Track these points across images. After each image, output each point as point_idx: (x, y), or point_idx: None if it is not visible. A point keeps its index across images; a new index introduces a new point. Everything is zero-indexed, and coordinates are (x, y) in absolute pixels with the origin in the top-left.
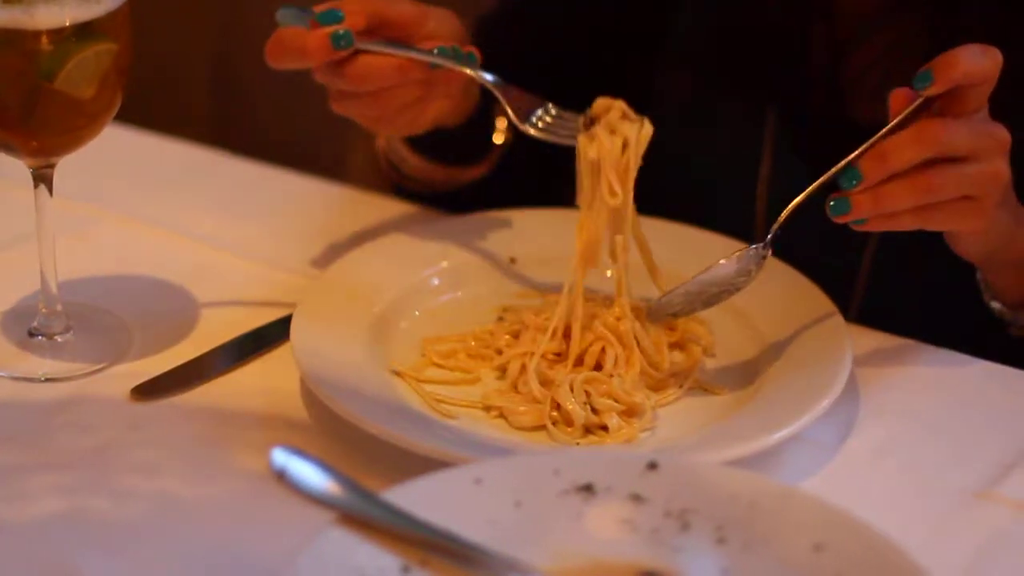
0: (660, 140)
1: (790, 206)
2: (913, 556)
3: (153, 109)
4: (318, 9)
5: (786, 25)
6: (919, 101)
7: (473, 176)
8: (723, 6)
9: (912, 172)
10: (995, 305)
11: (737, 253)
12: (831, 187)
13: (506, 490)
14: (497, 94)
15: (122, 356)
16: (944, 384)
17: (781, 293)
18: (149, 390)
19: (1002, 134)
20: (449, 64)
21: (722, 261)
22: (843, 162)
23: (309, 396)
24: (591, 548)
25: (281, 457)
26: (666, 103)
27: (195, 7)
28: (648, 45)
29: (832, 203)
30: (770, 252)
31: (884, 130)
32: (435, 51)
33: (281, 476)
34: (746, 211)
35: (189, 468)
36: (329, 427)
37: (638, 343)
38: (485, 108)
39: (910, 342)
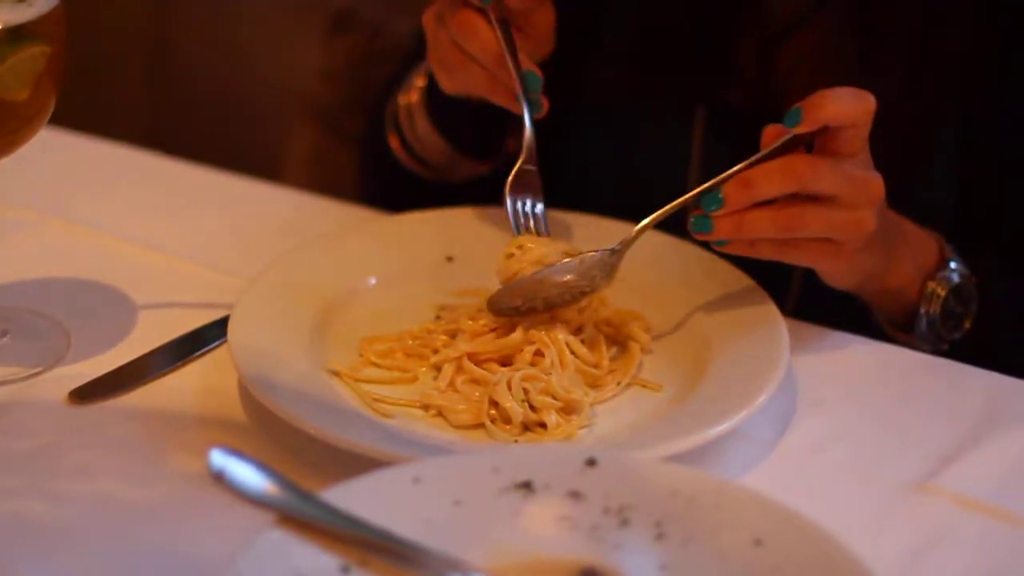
0: (591, 136)
1: (645, 222)
2: (852, 549)
3: (88, 112)
4: None
5: (714, 21)
6: (787, 137)
7: (472, 171)
8: (651, 3)
9: (776, 205)
10: (879, 322)
11: (581, 256)
12: None
13: (445, 489)
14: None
15: (59, 360)
16: (882, 377)
17: (718, 289)
18: (87, 393)
19: (875, 184)
20: (516, 90)
21: (565, 261)
22: (707, 184)
23: (247, 397)
24: (531, 546)
25: (219, 458)
26: (597, 99)
27: (131, 7)
28: (578, 40)
29: (693, 220)
30: (619, 261)
31: (750, 160)
32: (525, 73)
33: (219, 477)
34: (681, 210)
35: (127, 470)
36: (267, 428)
37: (571, 349)
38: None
39: (847, 335)
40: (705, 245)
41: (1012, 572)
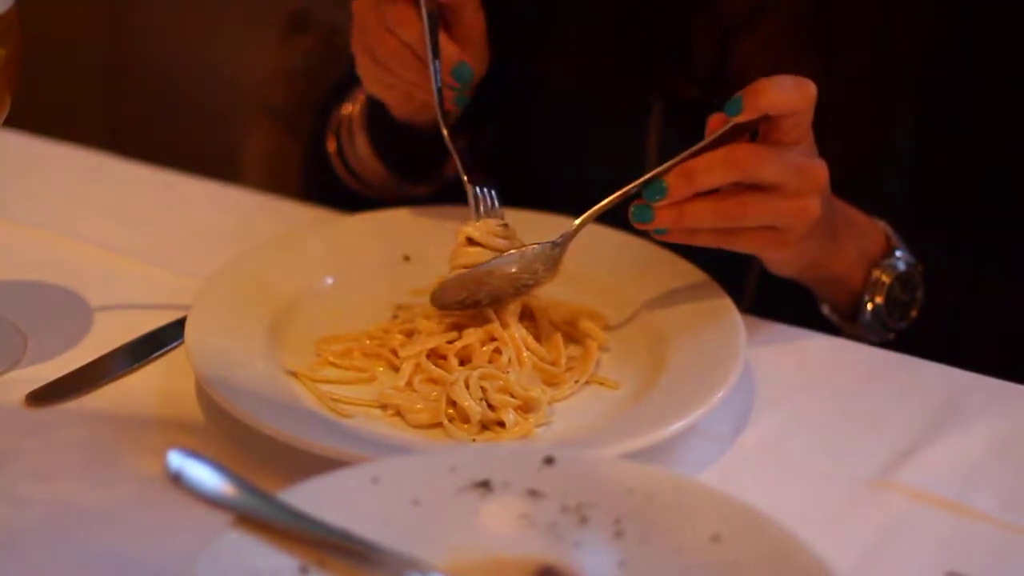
0: (546, 133)
1: (585, 215)
2: (810, 545)
3: (44, 113)
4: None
5: (671, 14)
6: (729, 126)
7: (415, 192)
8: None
9: (718, 195)
10: (825, 311)
11: (523, 249)
12: None
13: (403, 488)
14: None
15: (16, 362)
16: (839, 372)
17: (675, 285)
18: (44, 396)
19: (819, 171)
20: (437, 78)
21: (508, 253)
22: (649, 174)
23: (205, 398)
24: (489, 544)
25: (177, 460)
26: (551, 95)
27: (87, 9)
28: (532, 35)
29: (634, 209)
30: (562, 253)
31: (692, 149)
32: (454, 67)
33: (177, 479)
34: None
35: (85, 473)
36: (225, 429)
37: (528, 347)
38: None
39: (804, 331)
40: (645, 235)
41: (971, 566)
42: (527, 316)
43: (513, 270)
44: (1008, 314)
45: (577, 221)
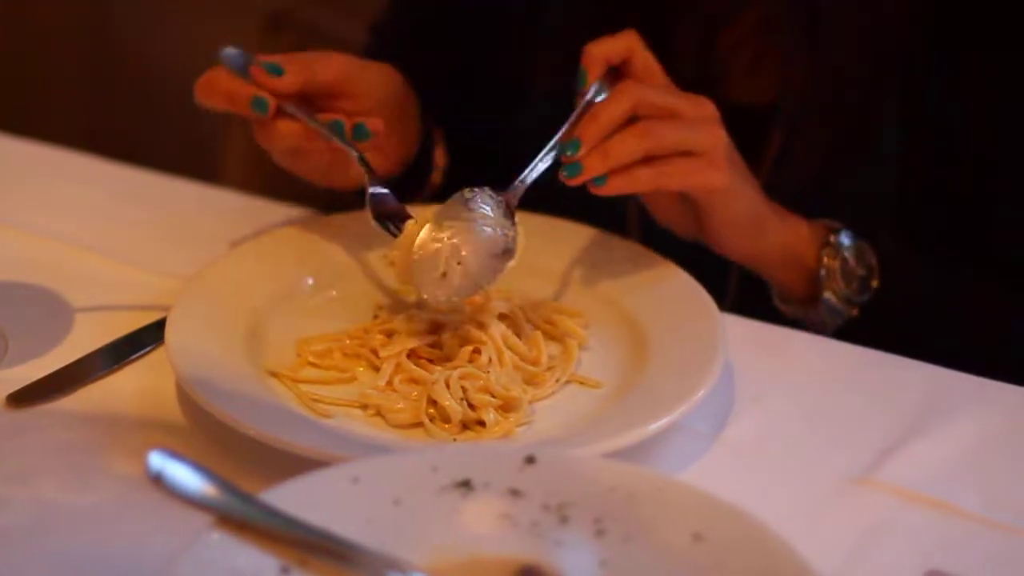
0: (531, 127)
1: (527, 171)
2: (792, 544)
3: (23, 113)
4: (263, 59)
5: (653, 8)
6: (589, 96)
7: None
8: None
9: (630, 124)
10: (783, 307)
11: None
12: None
13: (384, 488)
14: (364, 182)
15: None
16: (820, 370)
17: (655, 284)
18: (24, 397)
19: (705, 101)
20: (333, 137)
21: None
22: (555, 138)
23: (185, 399)
24: (471, 544)
25: (157, 460)
26: (538, 89)
27: (66, 8)
28: (518, 31)
29: (564, 169)
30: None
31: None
32: (329, 124)
33: (158, 479)
34: (619, 207)
35: (66, 474)
36: (206, 429)
37: (508, 345)
38: (426, 149)
39: (785, 330)
40: (626, 231)
41: (953, 563)
42: (507, 315)
43: (475, 230)
44: (986, 314)
45: (523, 179)
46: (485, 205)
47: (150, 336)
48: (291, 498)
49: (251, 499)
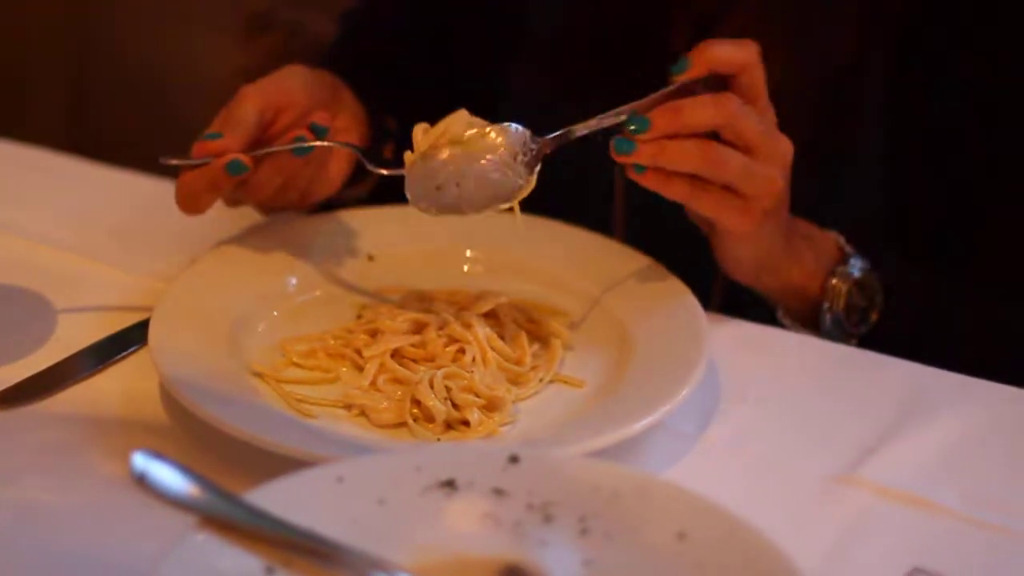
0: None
1: (565, 129)
2: (776, 542)
3: (5, 114)
4: (206, 135)
5: (645, 12)
6: (676, 86)
7: (352, 195)
8: (576, 4)
9: (699, 138)
10: (784, 319)
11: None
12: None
13: (368, 488)
14: (355, 150)
15: None
16: (802, 369)
17: (639, 283)
18: (8, 398)
19: (787, 146)
20: (308, 145)
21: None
22: (628, 106)
23: (169, 399)
24: (455, 544)
25: (141, 461)
26: (525, 102)
27: (50, 10)
28: (502, 44)
29: (616, 140)
30: (539, 158)
31: (635, 104)
32: (292, 141)
33: (141, 480)
34: (605, 207)
35: (49, 475)
36: (190, 430)
37: (491, 345)
38: (375, 139)
39: (769, 329)
40: (610, 231)
41: (935, 561)
42: (491, 315)
43: (486, 158)
44: (972, 320)
45: (568, 130)
46: (514, 143)
47: (134, 337)
48: (275, 498)
49: (235, 499)
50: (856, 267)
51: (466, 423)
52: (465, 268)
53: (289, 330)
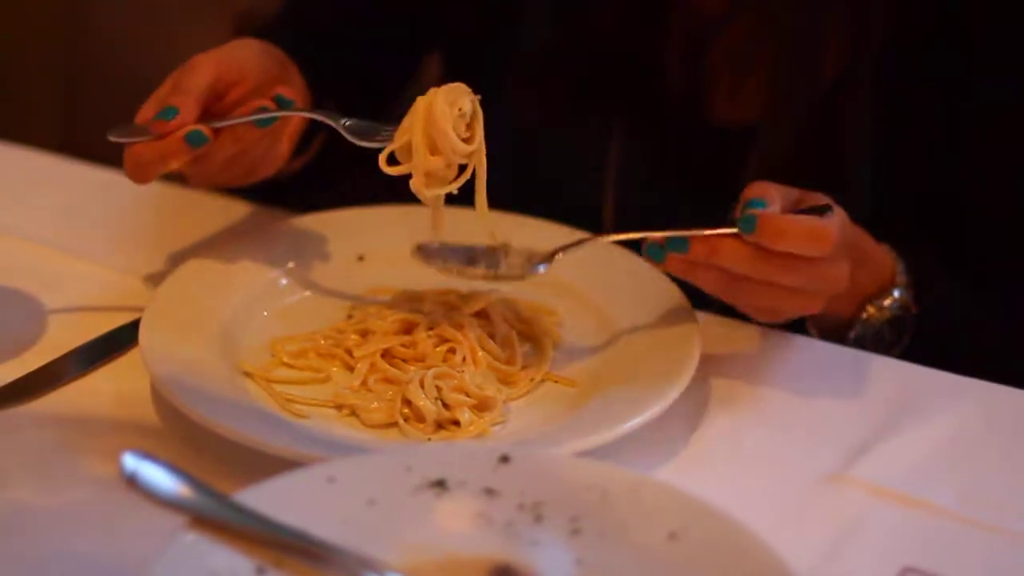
0: (507, 152)
1: (610, 238)
2: (768, 542)
3: None
4: (157, 107)
5: (638, 24)
6: (732, 230)
7: (287, 171)
8: (571, 9)
9: (728, 274)
10: (811, 330)
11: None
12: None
13: (359, 488)
14: (331, 123)
15: None
16: (794, 369)
17: (630, 283)
18: None
19: (841, 278)
20: (275, 115)
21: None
22: (678, 233)
23: (160, 400)
24: (446, 543)
25: (131, 462)
26: (515, 117)
27: (41, 12)
28: (493, 62)
29: (649, 247)
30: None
31: (696, 232)
32: (256, 111)
33: (132, 481)
34: (592, 216)
35: (40, 476)
36: (181, 430)
37: (482, 346)
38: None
39: (759, 328)
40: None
41: (928, 560)
42: (481, 315)
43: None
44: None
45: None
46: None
47: (124, 337)
48: (266, 498)
49: (226, 500)
50: (896, 303)
51: (457, 423)
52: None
53: (279, 330)
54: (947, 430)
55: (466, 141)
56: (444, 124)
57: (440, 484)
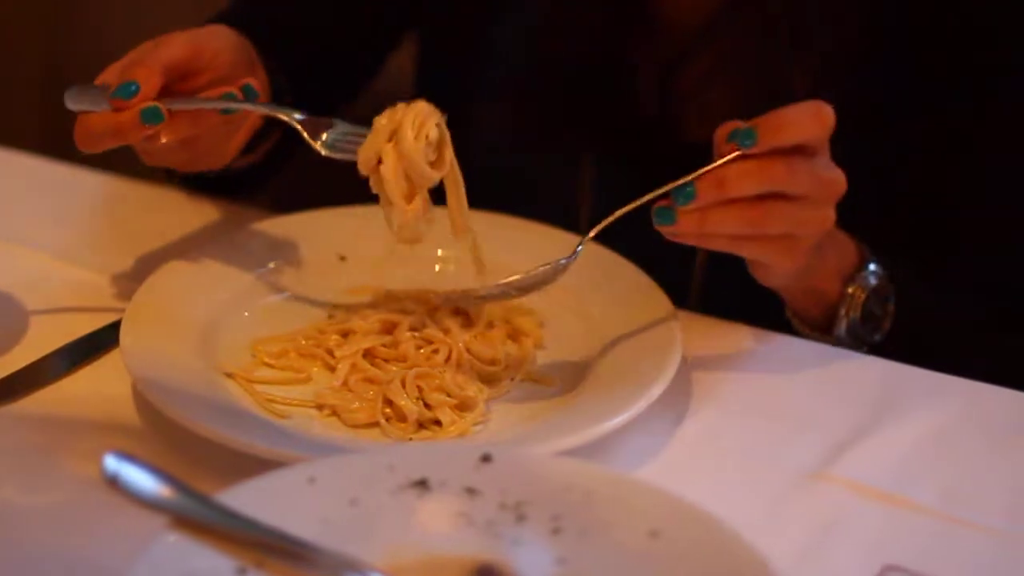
0: (479, 174)
1: (604, 223)
2: (749, 539)
3: None
4: (111, 82)
5: (610, 52)
6: (736, 155)
7: (237, 166)
8: (543, 36)
9: (742, 202)
10: (796, 324)
11: (552, 264)
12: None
13: (340, 488)
14: (293, 124)
15: None
16: (776, 366)
17: (611, 281)
18: None
19: (840, 182)
20: (240, 107)
21: (540, 268)
22: (680, 181)
23: (141, 401)
24: (428, 543)
25: (113, 463)
26: (486, 133)
27: (23, 12)
28: (465, 77)
29: (657, 210)
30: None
31: (700, 171)
32: (222, 97)
33: (113, 482)
34: (575, 205)
35: (22, 477)
36: (162, 431)
37: (465, 347)
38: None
39: (739, 326)
40: (580, 231)
41: (909, 558)
42: (462, 314)
43: (544, 278)
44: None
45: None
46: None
47: (105, 338)
48: (247, 499)
49: (207, 500)
50: (873, 274)
51: (438, 423)
52: (437, 268)
53: (260, 330)
54: (929, 428)
55: (434, 164)
56: (416, 158)
57: (422, 484)
